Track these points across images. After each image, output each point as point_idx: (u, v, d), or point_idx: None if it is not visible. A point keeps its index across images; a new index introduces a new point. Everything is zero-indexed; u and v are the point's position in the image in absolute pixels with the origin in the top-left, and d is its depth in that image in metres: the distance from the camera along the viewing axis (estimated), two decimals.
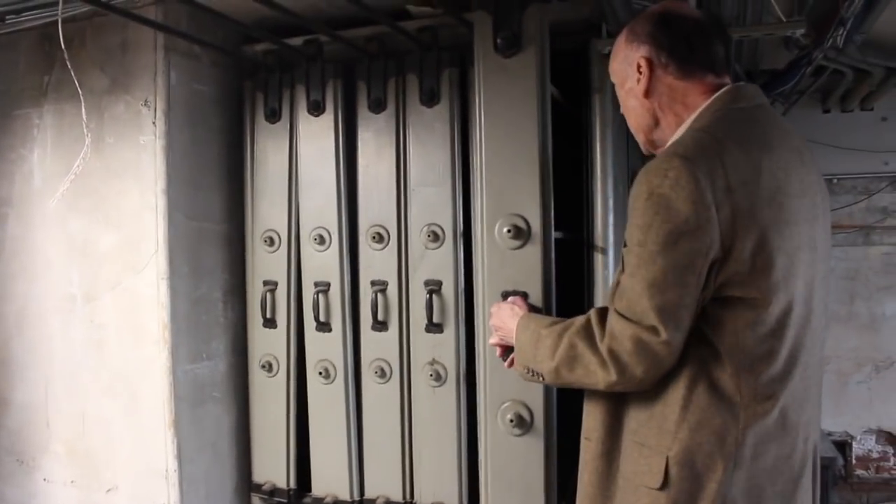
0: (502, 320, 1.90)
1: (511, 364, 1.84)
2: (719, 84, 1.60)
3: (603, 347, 1.49)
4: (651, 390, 1.52)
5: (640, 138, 1.73)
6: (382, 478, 2.85)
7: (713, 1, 2.40)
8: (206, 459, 2.91)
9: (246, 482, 3.08)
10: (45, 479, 2.99)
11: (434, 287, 2.71)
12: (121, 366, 2.83)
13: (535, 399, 2.17)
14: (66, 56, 2.41)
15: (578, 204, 2.73)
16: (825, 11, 2.72)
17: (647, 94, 1.63)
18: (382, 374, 2.80)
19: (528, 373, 1.70)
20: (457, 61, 2.63)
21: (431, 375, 2.71)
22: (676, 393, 1.49)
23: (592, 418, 1.65)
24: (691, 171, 1.40)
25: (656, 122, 1.66)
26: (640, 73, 1.63)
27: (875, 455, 4.31)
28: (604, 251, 2.63)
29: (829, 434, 4.35)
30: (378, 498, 2.84)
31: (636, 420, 1.56)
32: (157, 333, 2.75)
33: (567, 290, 2.67)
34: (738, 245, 1.42)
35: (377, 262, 2.81)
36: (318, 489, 2.93)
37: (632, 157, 3.44)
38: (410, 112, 2.75)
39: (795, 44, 3.07)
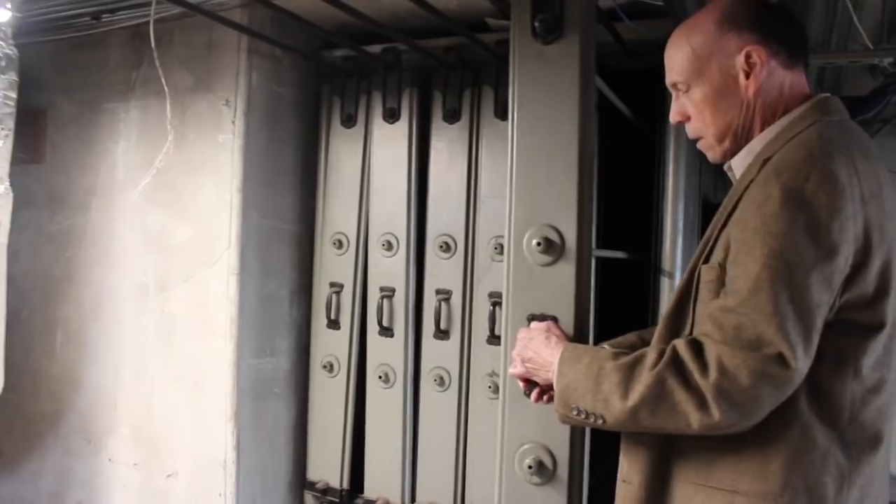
0: (535, 350, 1.62)
1: (539, 398, 1.64)
2: (809, 90, 1.43)
3: (706, 384, 1.24)
4: None
5: (722, 146, 1.45)
6: (434, 484, 2.86)
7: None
8: (264, 453, 2.97)
9: (300, 479, 3.13)
10: (110, 460, 3.10)
11: (497, 299, 2.70)
12: (188, 356, 2.91)
13: (561, 443, 1.80)
14: (154, 55, 2.48)
15: (647, 225, 2.70)
16: None
17: (758, 91, 1.38)
18: (441, 382, 2.81)
19: (578, 414, 1.42)
20: None
21: (490, 387, 2.71)
22: (784, 432, 1.28)
23: (634, 459, 1.44)
24: (836, 175, 1.22)
25: (750, 125, 1.41)
26: (751, 64, 1.37)
27: None
28: (670, 275, 2.59)
29: None
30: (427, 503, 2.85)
31: (703, 461, 1.35)
32: (224, 327, 2.82)
33: (626, 314, 2.65)
34: (867, 263, 1.26)
35: (443, 271, 2.82)
36: (370, 491, 2.96)
37: (704, 179, 3.39)
38: (484, 124, 2.76)
39: (882, 71, 2.98)
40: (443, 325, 2.80)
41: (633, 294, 2.81)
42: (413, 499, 2.90)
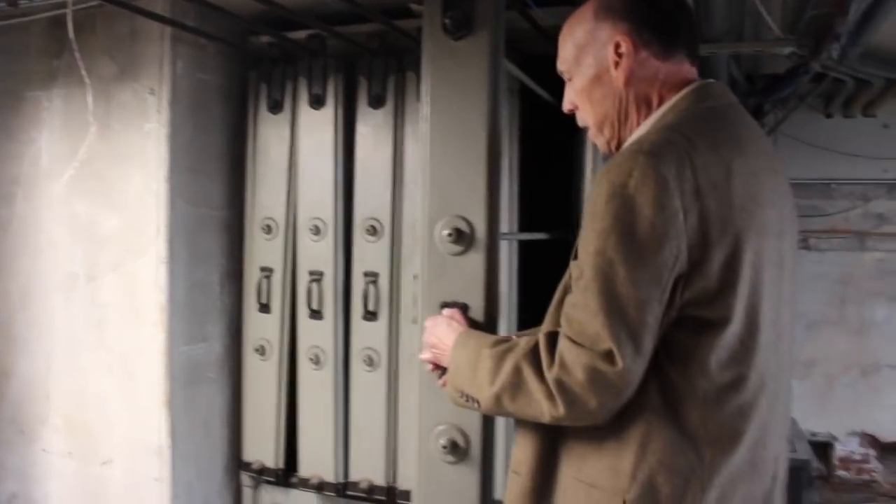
0: (438, 336, 1.65)
1: (445, 384, 1.59)
2: (693, 77, 1.42)
3: (550, 377, 1.26)
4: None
5: (603, 136, 1.46)
6: (367, 462, 2.94)
7: (703, 12, 2.44)
8: (198, 437, 3.02)
9: (236, 461, 3.19)
10: (43, 450, 3.10)
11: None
12: (119, 345, 2.93)
13: (473, 424, 1.85)
14: (74, 46, 2.47)
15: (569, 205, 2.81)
16: (821, 26, 2.76)
17: (627, 81, 1.38)
18: (371, 362, 2.89)
19: (461, 397, 1.46)
20: None
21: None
22: (635, 428, 1.28)
23: (523, 449, 1.43)
24: (659, 171, 1.21)
25: (626, 116, 1.41)
26: (620, 55, 1.37)
27: (857, 457, 4.38)
28: None
29: (814, 435, 4.43)
30: (362, 481, 2.94)
31: (579, 455, 1.35)
32: (154, 315, 2.85)
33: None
34: (706, 257, 1.22)
35: (370, 255, 2.89)
36: (304, 470, 3.03)
37: None
38: (409, 109, 2.83)
39: (792, 54, 3.12)
40: (371, 307, 2.87)
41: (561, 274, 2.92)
42: (346, 476, 2.98)
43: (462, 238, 1.87)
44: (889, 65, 3.40)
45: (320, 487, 2.98)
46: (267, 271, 3.04)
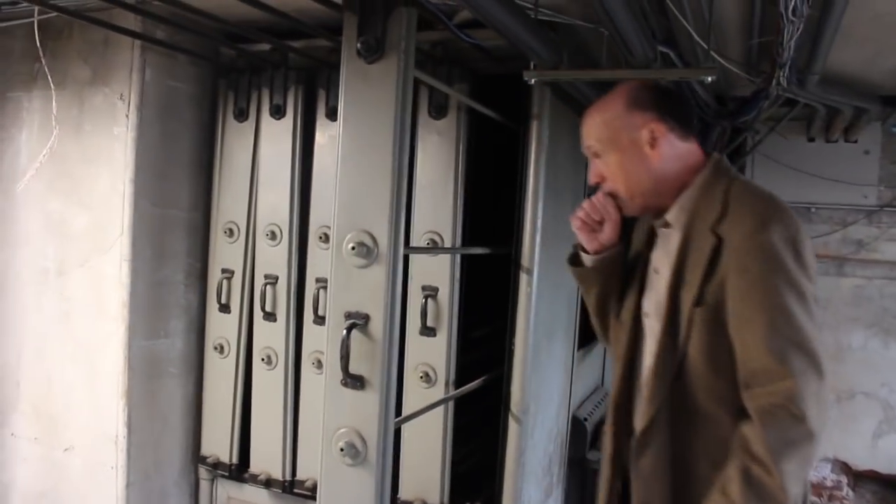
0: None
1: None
2: (700, 150, 1.77)
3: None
4: None
5: (635, 202, 1.76)
6: (314, 462, 3.03)
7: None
8: (157, 429, 3.14)
9: (195, 454, 3.31)
10: (12, 434, 3.25)
11: None
12: (84, 337, 3.07)
13: (370, 428, 1.95)
14: (40, 53, 2.62)
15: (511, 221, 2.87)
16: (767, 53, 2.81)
17: (661, 158, 1.71)
18: (320, 365, 2.98)
19: None
20: None
21: None
22: None
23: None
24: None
25: (660, 186, 1.73)
26: (654, 138, 1.70)
27: (829, 483, 4.37)
28: (528, 271, 2.77)
29: None
30: (307, 480, 3.04)
31: None
32: (116, 310, 2.98)
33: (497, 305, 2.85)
34: None
35: (323, 261, 2.98)
36: (255, 467, 3.14)
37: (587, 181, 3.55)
38: None
39: (751, 79, 3.16)
40: (321, 312, 2.97)
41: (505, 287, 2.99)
42: (294, 474, 3.09)
43: (367, 252, 1.98)
44: (852, 93, 3.41)
45: (268, 484, 3.09)
46: (228, 273, 3.16)
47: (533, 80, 2.44)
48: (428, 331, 2.85)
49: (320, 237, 2.97)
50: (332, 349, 2.01)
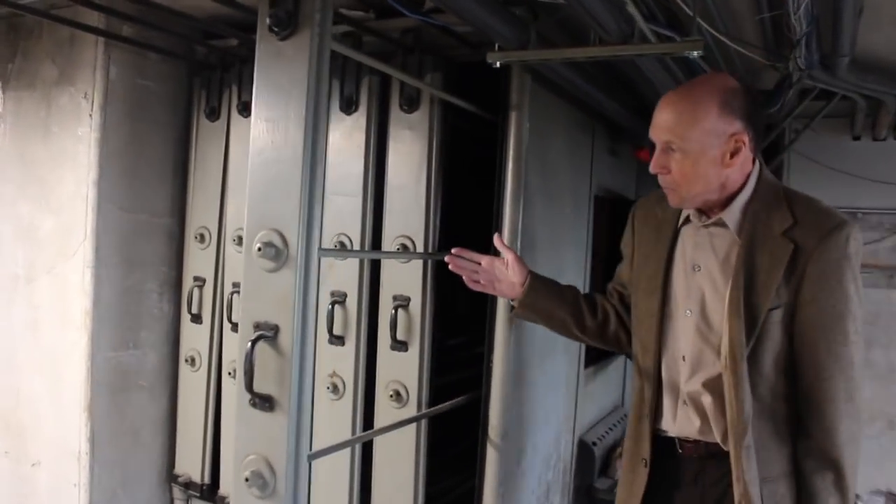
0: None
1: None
2: None
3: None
4: None
5: (691, 201, 1.78)
6: None
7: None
8: (125, 445, 2.98)
9: (170, 472, 3.14)
10: None
11: (338, 298, 2.67)
12: (50, 347, 2.93)
13: (279, 456, 1.71)
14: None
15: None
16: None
17: (732, 168, 1.72)
18: None
19: None
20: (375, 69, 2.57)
21: (329, 388, 2.68)
22: None
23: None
24: None
25: (720, 189, 1.75)
26: (737, 147, 1.70)
27: None
28: None
29: None
30: None
31: None
32: (79, 319, 2.84)
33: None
34: None
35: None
36: (225, 487, 2.95)
37: (594, 184, 3.28)
38: (333, 120, 2.71)
39: (771, 64, 2.83)
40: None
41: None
42: None
43: (275, 253, 1.75)
44: (893, 81, 3.02)
45: None
46: (199, 281, 3.00)
47: (498, 63, 2.19)
48: (399, 345, 2.61)
49: None
50: (240, 364, 1.77)
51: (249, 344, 1.72)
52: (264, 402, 1.73)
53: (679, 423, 1.84)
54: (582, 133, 3.19)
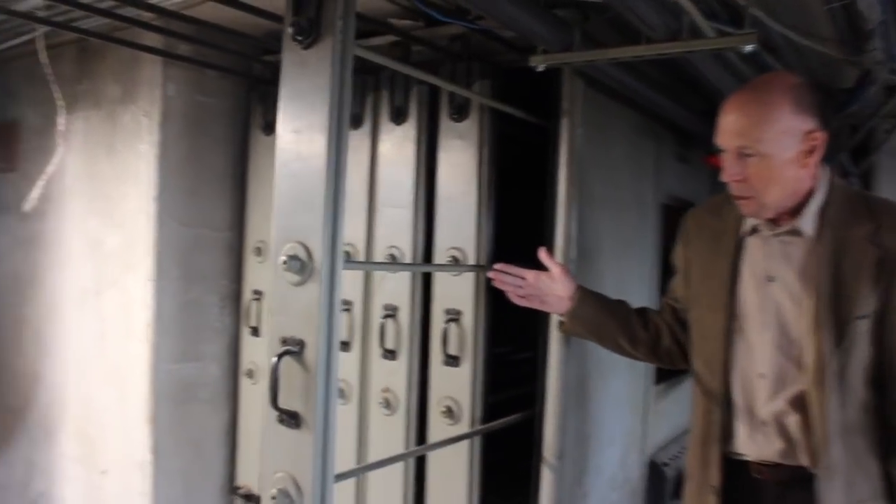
0: None
1: None
2: None
3: None
4: None
5: (768, 210, 1.70)
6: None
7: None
8: (187, 456, 3.02)
9: (231, 483, 3.16)
10: (61, 454, 3.26)
11: (391, 312, 2.63)
12: (116, 358, 3.01)
13: (305, 475, 1.66)
14: (48, 72, 2.59)
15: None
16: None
17: (807, 168, 1.65)
18: (342, 394, 2.75)
19: None
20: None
21: (381, 402, 2.64)
22: None
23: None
24: None
25: (797, 192, 1.67)
26: (813, 146, 1.63)
27: None
28: None
29: None
30: None
31: None
32: (141, 332, 2.90)
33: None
34: None
35: (345, 282, 2.75)
36: None
37: (661, 191, 3.13)
38: (384, 129, 2.69)
39: (850, 62, 2.63)
40: (343, 337, 2.74)
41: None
42: None
43: (300, 267, 1.71)
44: None
45: None
46: (257, 294, 3.01)
47: (541, 67, 2.10)
48: (450, 360, 2.54)
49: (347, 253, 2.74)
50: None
51: (275, 359, 1.69)
52: (291, 419, 1.69)
53: (757, 445, 1.73)
54: (645, 139, 3.04)
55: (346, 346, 2.74)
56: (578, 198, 2.42)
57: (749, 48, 1.83)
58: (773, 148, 1.61)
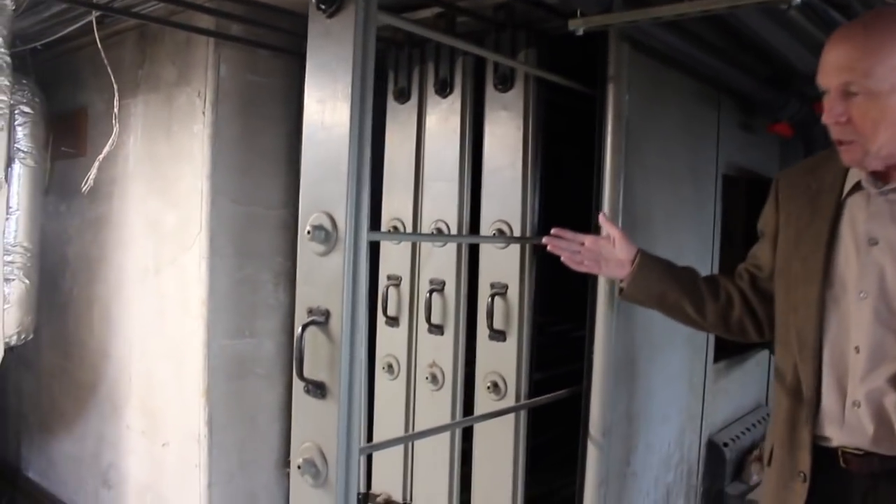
0: None
1: None
2: None
3: None
4: None
5: (875, 156, 1.50)
6: (387, 477, 2.81)
7: None
8: (242, 430, 3.08)
9: (287, 458, 3.21)
10: (127, 427, 3.37)
11: (437, 286, 2.61)
12: (174, 334, 3.09)
13: (330, 445, 1.68)
14: (103, 56, 2.66)
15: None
16: None
17: None
18: (391, 369, 2.75)
19: None
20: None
21: (427, 378, 2.63)
22: None
23: None
24: None
25: None
26: None
27: None
28: None
29: None
30: (381, 494, 2.81)
31: None
32: (196, 308, 2.96)
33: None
34: None
35: (394, 256, 2.76)
36: None
37: (722, 162, 3.01)
38: (430, 103, 2.67)
39: None
40: (391, 312, 2.74)
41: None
42: (369, 487, 2.88)
43: (325, 237, 1.70)
44: None
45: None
46: None
47: (580, 31, 2.03)
48: (496, 334, 2.50)
49: (390, 231, 2.74)
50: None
51: (300, 329, 1.69)
52: (317, 390, 1.69)
53: (847, 430, 1.55)
54: (704, 107, 2.92)
55: (394, 321, 2.75)
56: (626, 167, 2.34)
57: (797, 1, 1.71)
58: (883, 84, 1.44)
